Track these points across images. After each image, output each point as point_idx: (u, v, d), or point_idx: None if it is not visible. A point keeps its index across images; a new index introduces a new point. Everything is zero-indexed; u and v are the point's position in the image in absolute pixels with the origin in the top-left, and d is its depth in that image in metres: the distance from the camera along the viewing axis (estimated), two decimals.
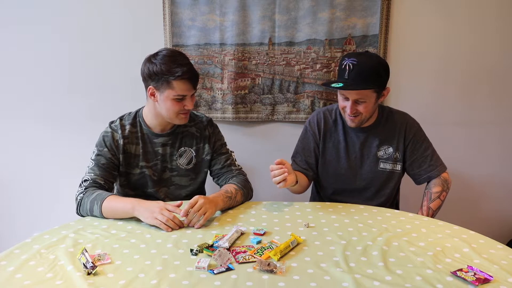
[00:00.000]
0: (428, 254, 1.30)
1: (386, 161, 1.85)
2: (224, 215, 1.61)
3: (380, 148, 1.84)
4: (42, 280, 1.14)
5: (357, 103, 1.70)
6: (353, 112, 1.72)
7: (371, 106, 1.72)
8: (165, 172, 1.80)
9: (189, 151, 1.81)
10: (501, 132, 2.46)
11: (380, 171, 1.85)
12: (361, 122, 1.77)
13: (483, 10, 2.30)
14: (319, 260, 1.26)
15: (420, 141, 1.85)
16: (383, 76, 1.70)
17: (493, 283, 1.14)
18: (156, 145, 1.78)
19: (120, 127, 1.74)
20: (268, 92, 2.39)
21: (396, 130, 1.84)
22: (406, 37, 2.32)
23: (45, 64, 2.37)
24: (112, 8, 2.31)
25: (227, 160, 1.85)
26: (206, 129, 1.84)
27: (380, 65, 1.69)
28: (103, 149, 1.72)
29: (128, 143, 1.74)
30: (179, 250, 1.31)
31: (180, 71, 1.60)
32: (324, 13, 2.27)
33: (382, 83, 1.71)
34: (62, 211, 2.51)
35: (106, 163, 1.70)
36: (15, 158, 2.49)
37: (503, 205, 2.56)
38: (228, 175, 1.83)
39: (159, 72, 1.61)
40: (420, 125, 1.89)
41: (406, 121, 1.86)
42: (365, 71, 1.65)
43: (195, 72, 1.67)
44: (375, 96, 1.71)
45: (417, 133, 1.85)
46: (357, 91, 1.67)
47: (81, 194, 1.61)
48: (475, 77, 2.38)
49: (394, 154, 1.84)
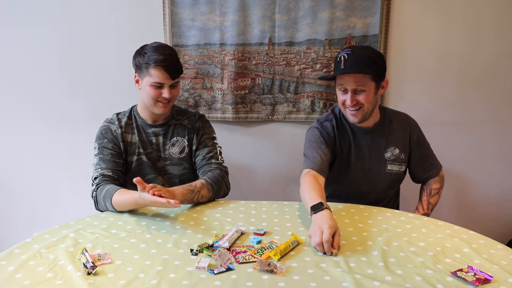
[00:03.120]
0: (428, 254, 1.30)
1: (393, 163, 1.83)
2: (224, 215, 1.61)
3: (387, 150, 1.82)
4: (42, 280, 1.14)
5: (357, 94, 1.67)
6: (353, 103, 1.67)
7: (371, 96, 1.68)
8: (159, 161, 1.86)
9: (182, 141, 1.87)
10: (501, 132, 2.46)
11: (388, 173, 1.84)
12: (364, 116, 1.72)
13: (482, 10, 2.30)
14: (319, 260, 1.26)
15: (422, 141, 1.87)
16: (379, 64, 1.68)
17: (493, 283, 1.14)
18: (150, 134, 1.85)
19: (117, 120, 1.84)
20: (268, 92, 2.39)
21: (401, 131, 1.83)
22: (406, 37, 2.32)
23: (45, 64, 2.37)
24: (112, 8, 2.31)
25: (210, 152, 1.87)
26: (197, 122, 1.91)
27: (374, 54, 1.70)
28: (103, 141, 1.78)
29: (125, 132, 1.82)
30: (179, 250, 1.31)
31: (157, 59, 1.69)
32: (324, 13, 2.27)
33: (379, 71, 1.69)
34: (62, 211, 2.52)
35: (109, 153, 1.76)
36: (15, 158, 2.49)
37: (503, 205, 2.56)
38: (206, 168, 1.83)
39: (141, 60, 1.73)
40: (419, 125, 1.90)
41: (409, 122, 1.87)
42: (360, 58, 1.65)
43: (174, 62, 1.74)
44: (373, 85, 1.68)
45: (420, 133, 1.87)
46: (356, 78, 1.65)
47: (94, 192, 1.67)
48: (475, 77, 2.38)
49: (400, 155, 1.83)
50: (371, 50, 1.73)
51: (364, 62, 1.64)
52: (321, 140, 1.78)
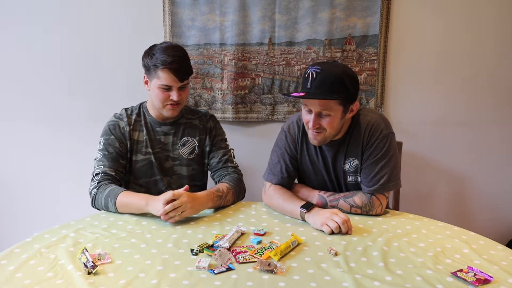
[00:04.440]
0: (428, 255, 1.30)
1: (353, 174, 1.69)
2: (224, 215, 1.61)
3: (345, 161, 1.68)
4: (43, 280, 1.14)
5: (321, 117, 1.55)
6: (315, 126, 1.55)
7: (336, 122, 1.56)
8: (168, 161, 1.83)
9: (192, 141, 1.85)
10: (502, 132, 2.46)
11: (350, 184, 1.71)
12: (324, 140, 1.60)
13: (483, 9, 2.30)
14: (319, 260, 1.26)
15: (375, 153, 1.63)
16: (349, 87, 1.52)
17: (493, 283, 1.14)
18: (159, 133, 1.83)
19: (126, 116, 1.81)
20: (268, 92, 2.39)
21: (360, 140, 1.65)
22: (406, 37, 2.32)
23: (45, 64, 2.37)
24: (112, 8, 2.31)
25: (225, 155, 1.87)
26: (208, 122, 1.89)
27: (345, 75, 1.52)
28: (109, 137, 1.75)
29: (133, 130, 1.80)
30: (179, 250, 1.31)
31: (165, 61, 1.65)
32: (324, 13, 2.27)
33: (349, 95, 1.53)
34: (62, 210, 2.51)
35: (114, 151, 1.74)
36: (16, 159, 2.49)
37: (503, 206, 2.56)
38: (223, 172, 1.83)
39: (150, 61, 1.70)
40: (390, 137, 1.64)
41: (369, 129, 1.63)
42: (328, 79, 1.50)
43: (183, 64, 1.70)
44: (341, 110, 1.54)
45: (377, 145, 1.62)
46: (320, 102, 1.52)
47: (94, 189, 1.64)
48: (475, 77, 2.38)
49: (359, 165, 1.67)
50: (342, 69, 1.55)
51: (331, 85, 1.50)
52: (287, 149, 1.75)
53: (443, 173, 2.49)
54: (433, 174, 2.49)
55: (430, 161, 2.48)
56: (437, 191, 2.52)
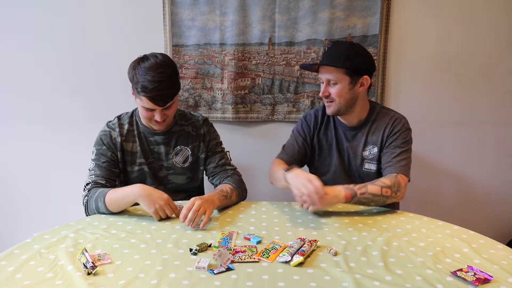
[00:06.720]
0: (428, 254, 1.30)
1: (371, 162, 1.80)
2: (224, 215, 1.61)
3: (365, 148, 1.81)
4: (42, 280, 1.14)
5: (330, 86, 1.73)
6: (324, 94, 1.74)
7: (345, 91, 1.71)
8: (161, 170, 1.82)
9: (185, 150, 1.82)
10: (501, 132, 2.46)
11: (365, 172, 1.82)
12: (338, 110, 1.75)
13: (482, 10, 2.30)
14: (319, 260, 1.26)
15: (398, 142, 1.73)
16: (354, 60, 1.68)
17: (493, 283, 1.14)
18: (152, 143, 1.80)
19: (118, 126, 1.77)
20: (268, 92, 2.39)
21: (382, 130, 1.78)
22: (406, 37, 2.32)
23: (45, 65, 2.37)
24: (112, 8, 2.31)
25: (222, 159, 1.86)
26: (201, 127, 1.85)
27: (352, 49, 1.72)
28: (101, 148, 1.74)
29: (125, 141, 1.77)
30: (179, 250, 1.31)
31: (145, 88, 1.57)
32: (324, 13, 2.27)
33: (355, 67, 1.69)
34: (62, 211, 2.52)
35: (106, 161, 1.72)
36: (16, 159, 2.49)
37: (503, 205, 2.56)
38: (223, 174, 1.83)
39: (132, 81, 1.64)
40: (410, 132, 1.77)
41: (393, 120, 1.77)
42: (336, 52, 1.70)
43: (165, 91, 1.60)
44: (347, 80, 1.70)
45: (400, 135, 1.74)
46: (328, 71, 1.71)
47: (85, 197, 1.63)
48: (475, 77, 2.38)
49: (379, 154, 1.79)
50: (350, 44, 1.77)
51: (337, 56, 1.68)
52: (300, 133, 1.90)
53: (443, 172, 2.49)
54: (433, 174, 2.49)
55: (430, 161, 2.48)
56: (437, 190, 2.52)
